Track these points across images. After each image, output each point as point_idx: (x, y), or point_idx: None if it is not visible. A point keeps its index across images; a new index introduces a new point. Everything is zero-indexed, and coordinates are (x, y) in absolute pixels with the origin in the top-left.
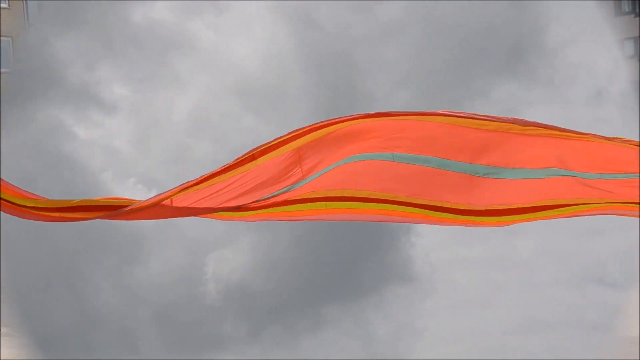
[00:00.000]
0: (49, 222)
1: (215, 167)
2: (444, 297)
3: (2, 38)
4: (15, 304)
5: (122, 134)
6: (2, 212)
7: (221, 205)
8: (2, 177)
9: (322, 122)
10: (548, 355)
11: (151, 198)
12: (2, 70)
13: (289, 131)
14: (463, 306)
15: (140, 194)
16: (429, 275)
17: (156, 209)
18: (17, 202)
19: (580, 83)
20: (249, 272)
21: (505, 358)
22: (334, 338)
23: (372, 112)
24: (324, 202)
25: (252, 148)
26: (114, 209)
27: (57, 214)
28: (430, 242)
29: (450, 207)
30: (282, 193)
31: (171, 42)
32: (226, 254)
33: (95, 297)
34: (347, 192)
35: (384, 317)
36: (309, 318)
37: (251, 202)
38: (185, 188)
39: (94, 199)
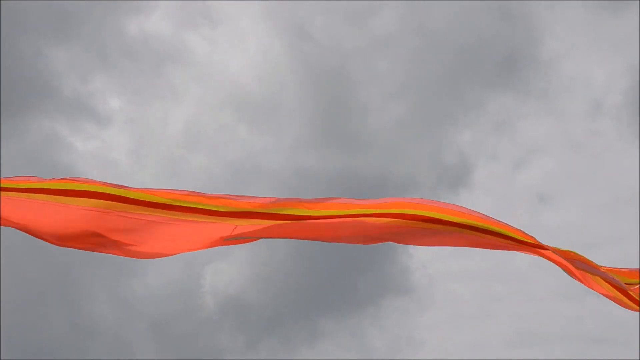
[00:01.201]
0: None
1: (210, 180)
2: (442, 309)
3: None
4: (10, 314)
5: (118, 146)
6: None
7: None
8: None
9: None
10: None
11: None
12: None
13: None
14: (461, 318)
15: None
16: (426, 287)
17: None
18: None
19: (575, 95)
20: (246, 285)
21: None
22: (330, 350)
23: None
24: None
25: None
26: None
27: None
28: (428, 253)
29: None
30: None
31: (166, 54)
32: (222, 267)
33: (91, 308)
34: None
35: (381, 330)
36: (306, 330)
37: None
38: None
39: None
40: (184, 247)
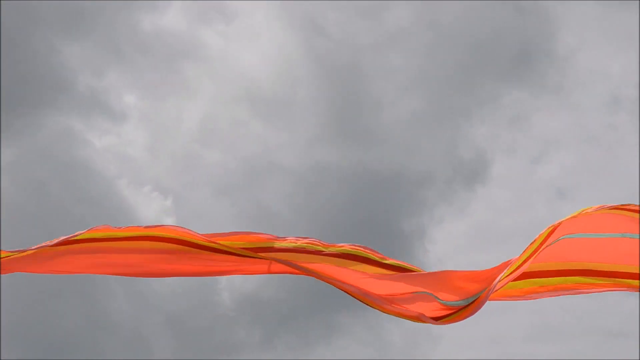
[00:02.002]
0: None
1: (226, 176)
2: None
3: None
4: (26, 309)
5: (133, 142)
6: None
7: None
8: (13, 183)
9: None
10: None
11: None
12: None
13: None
14: (480, 313)
15: (157, 202)
16: None
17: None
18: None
19: (590, 89)
20: (262, 281)
21: None
22: (347, 345)
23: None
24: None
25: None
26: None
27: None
28: (444, 248)
29: None
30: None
31: (180, 50)
32: None
33: (107, 303)
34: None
35: (398, 325)
36: (323, 325)
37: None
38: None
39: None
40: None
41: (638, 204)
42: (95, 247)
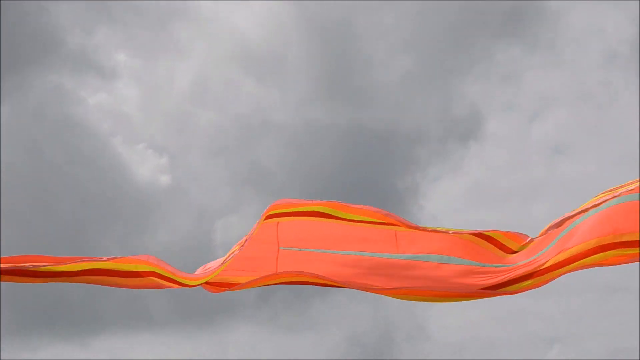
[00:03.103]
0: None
1: (220, 135)
2: None
3: None
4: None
5: (127, 99)
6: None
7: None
8: (6, 143)
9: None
10: (567, 318)
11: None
12: None
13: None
14: None
15: (152, 159)
16: None
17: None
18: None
19: (584, 46)
20: None
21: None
22: (343, 302)
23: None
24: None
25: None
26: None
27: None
28: (439, 205)
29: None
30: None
31: (171, 9)
32: (234, 220)
33: None
34: None
35: None
36: None
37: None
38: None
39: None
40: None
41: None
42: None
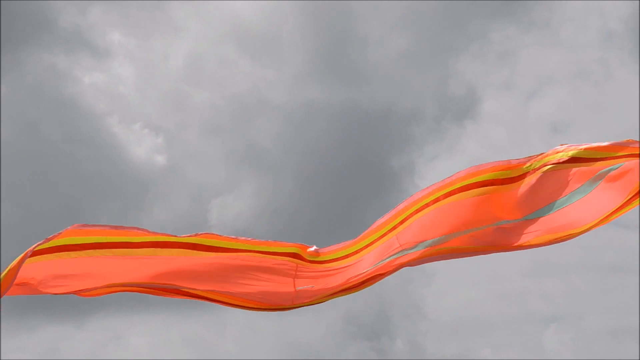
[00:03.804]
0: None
1: (215, 114)
2: None
3: None
4: (17, 249)
5: (122, 79)
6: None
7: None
8: (4, 121)
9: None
10: (565, 297)
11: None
12: None
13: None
14: None
15: (149, 139)
16: None
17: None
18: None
19: (579, 25)
20: (253, 218)
21: (521, 300)
22: None
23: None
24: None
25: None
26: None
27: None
28: None
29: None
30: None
31: None
32: (229, 200)
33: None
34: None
35: None
36: None
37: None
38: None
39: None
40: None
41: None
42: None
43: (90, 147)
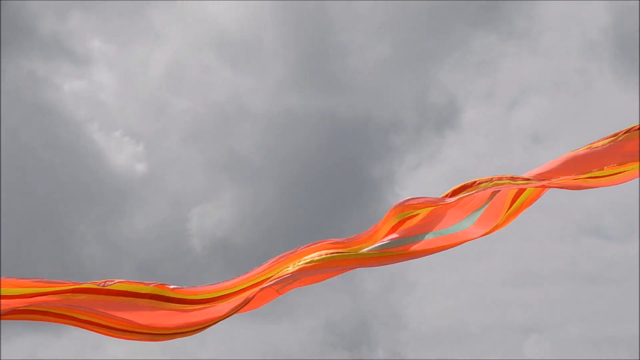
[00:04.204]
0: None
1: (196, 122)
2: None
3: None
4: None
5: (103, 86)
6: None
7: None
8: None
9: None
10: (545, 307)
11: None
12: None
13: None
14: (457, 259)
15: (129, 147)
16: None
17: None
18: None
19: (558, 34)
20: (233, 226)
21: (501, 310)
22: (319, 291)
23: None
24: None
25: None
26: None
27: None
28: (415, 194)
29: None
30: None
31: None
32: (209, 208)
33: (79, 250)
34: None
35: (370, 270)
36: None
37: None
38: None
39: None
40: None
41: None
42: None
43: (70, 154)
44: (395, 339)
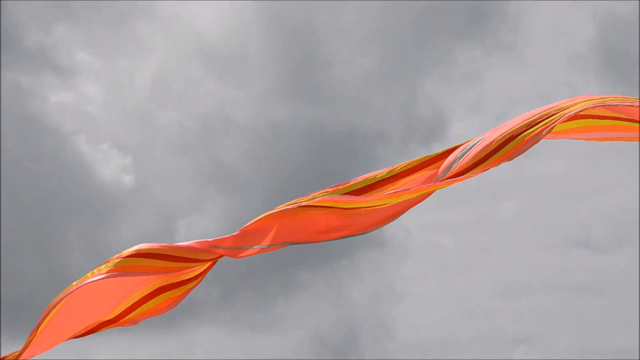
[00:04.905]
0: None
1: (182, 134)
2: (425, 260)
3: None
4: None
5: (90, 98)
6: None
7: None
8: None
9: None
10: (534, 318)
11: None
12: None
13: None
14: (445, 270)
15: (116, 159)
16: (403, 240)
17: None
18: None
19: (544, 47)
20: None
21: (490, 321)
22: (307, 301)
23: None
24: None
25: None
26: None
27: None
28: None
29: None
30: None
31: (131, 6)
32: (196, 219)
33: (66, 260)
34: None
35: (358, 281)
36: (281, 281)
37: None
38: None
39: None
40: None
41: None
42: None
43: (58, 166)
44: (383, 350)
